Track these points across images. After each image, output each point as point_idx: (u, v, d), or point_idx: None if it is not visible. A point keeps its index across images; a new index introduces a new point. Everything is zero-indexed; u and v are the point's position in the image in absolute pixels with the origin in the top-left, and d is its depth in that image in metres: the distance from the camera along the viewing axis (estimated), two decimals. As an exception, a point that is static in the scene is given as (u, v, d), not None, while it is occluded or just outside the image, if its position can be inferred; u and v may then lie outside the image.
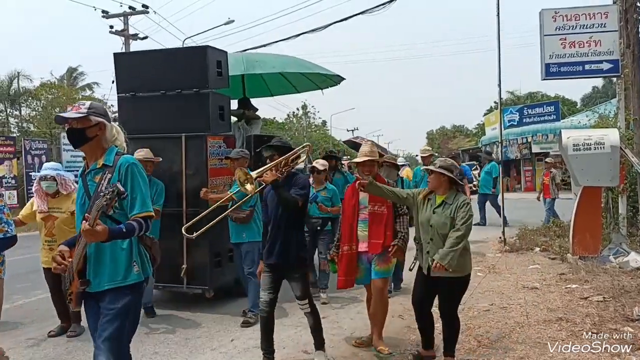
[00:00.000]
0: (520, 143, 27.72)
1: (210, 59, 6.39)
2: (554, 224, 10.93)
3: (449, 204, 4.16)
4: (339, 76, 9.48)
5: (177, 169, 6.31)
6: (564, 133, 8.65)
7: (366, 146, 4.86)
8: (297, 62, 9.22)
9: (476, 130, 55.66)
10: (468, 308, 5.99)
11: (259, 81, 9.98)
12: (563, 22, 9.49)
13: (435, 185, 4.24)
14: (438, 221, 4.15)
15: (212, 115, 6.39)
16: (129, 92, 6.69)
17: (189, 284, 6.29)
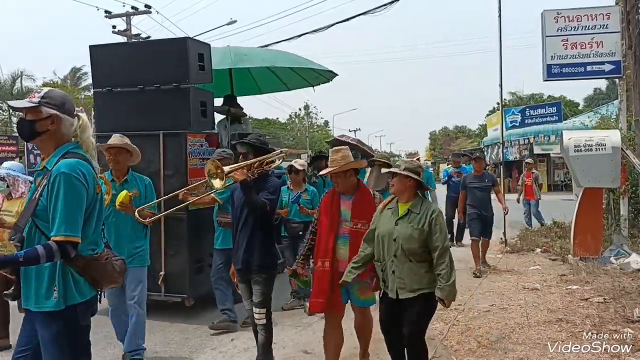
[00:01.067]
0: (521, 144, 27.68)
1: (191, 51, 6.00)
2: (555, 225, 10.93)
3: (416, 213, 3.59)
4: (331, 72, 9.14)
5: (155, 169, 5.89)
6: (565, 134, 8.65)
7: (336, 153, 4.08)
8: (287, 56, 8.89)
9: (478, 131, 55.62)
10: (468, 309, 6.00)
11: (247, 77, 9.58)
12: (565, 23, 9.49)
13: (400, 190, 3.68)
14: (403, 234, 3.55)
15: (193, 112, 6.02)
16: (106, 87, 6.32)
17: (168, 291, 5.93)
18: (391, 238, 3.60)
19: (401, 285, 3.56)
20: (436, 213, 3.59)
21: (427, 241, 3.52)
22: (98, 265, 2.58)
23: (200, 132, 6.11)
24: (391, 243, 3.60)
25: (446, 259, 3.47)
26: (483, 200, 8.07)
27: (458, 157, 11.71)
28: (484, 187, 8.12)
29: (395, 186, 3.70)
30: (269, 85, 10.14)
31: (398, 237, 3.57)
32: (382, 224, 3.70)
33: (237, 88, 9.00)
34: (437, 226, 3.52)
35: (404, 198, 3.69)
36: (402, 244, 3.55)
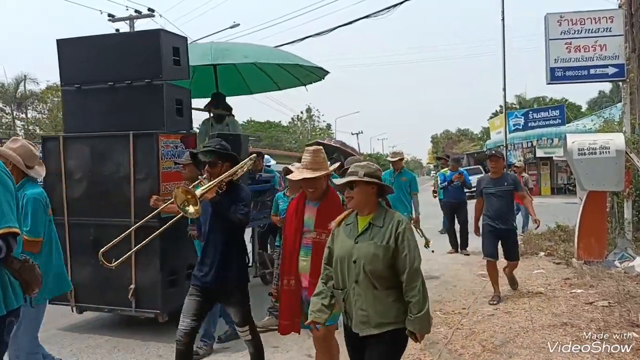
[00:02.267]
0: (525, 147, 27.66)
1: (165, 45, 5.54)
2: (559, 228, 10.90)
3: (379, 226, 2.91)
4: (321, 69, 8.57)
5: (124, 173, 5.42)
6: (569, 137, 8.63)
7: (306, 154, 3.73)
8: (274, 52, 8.35)
9: (481, 134, 55.62)
10: (472, 312, 5.99)
11: (235, 76, 8.98)
12: (568, 26, 9.48)
13: (362, 202, 2.96)
14: (365, 253, 2.86)
15: (167, 110, 5.56)
16: (74, 84, 5.87)
17: (139, 306, 5.44)
18: (351, 260, 2.91)
19: (363, 318, 2.87)
20: (404, 225, 2.89)
21: (394, 261, 2.85)
22: (30, 268, 2.54)
23: (175, 133, 5.63)
24: (351, 266, 2.91)
25: (417, 282, 2.79)
26: (501, 209, 6.43)
27: (457, 162, 11.21)
28: (502, 193, 6.44)
29: (356, 198, 2.96)
30: (259, 84, 9.55)
31: (359, 258, 2.88)
32: (339, 244, 3.02)
33: (225, 88, 8.60)
34: (405, 242, 2.85)
35: (366, 210, 2.99)
36: (364, 265, 2.86)
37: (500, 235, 6.49)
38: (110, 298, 5.53)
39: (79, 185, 5.64)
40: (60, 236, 5.31)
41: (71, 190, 5.63)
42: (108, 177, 5.50)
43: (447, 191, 10.36)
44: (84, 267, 5.57)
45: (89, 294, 5.64)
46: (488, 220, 6.51)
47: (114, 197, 5.45)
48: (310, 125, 56.95)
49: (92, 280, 5.58)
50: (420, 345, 5.01)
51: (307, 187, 3.68)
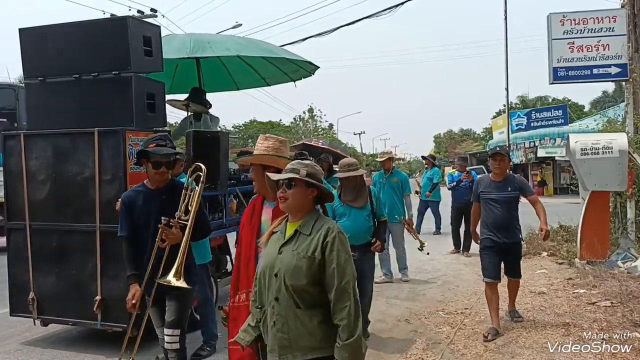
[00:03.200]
0: (527, 147, 27.64)
1: (134, 33, 5.06)
2: (562, 229, 10.87)
3: (306, 234, 2.48)
4: (310, 63, 8.16)
5: (89, 173, 4.96)
6: (571, 137, 8.62)
7: (264, 141, 3.37)
8: (259, 45, 7.88)
9: (484, 134, 55.58)
10: (475, 313, 5.99)
11: (221, 71, 8.50)
12: (571, 26, 9.46)
13: (297, 205, 2.53)
14: (287, 265, 2.44)
15: (137, 105, 5.07)
16: (37, 76, 5.38)
17: (106, 319, 4.94)
18: (272, 273, 2.48)
19: (284, 342, 2.44)
20: (334, 233, 2.44)
21: (321, 275, 2.42)
22: None
23: (145, 130, 5.12)
24: (272, 280, 2.48)
25: (348, 302, 2.35)
26: (503, 219, 5.28)
27: (464, 160, 11.26)
28: (505, 199, 5.29)
29: (291, 200, 2.51)
30: (246, 79, 9.06)
31: (280, 271, 2.45)
32: (264, 254, 2.62)
33: (210, 83, 8.34)
34: (333, 253, 2.40)
35: (298, 215, 2.55)
36: (285, 279, 2.43)
37: (502, 251, 5.31)
38: (75, 310, 5.06)
39: (41, 187, 5.19)
40: (22, 242, 5.21)
41: (33, 193, 5.21)
42: (72, 178, 5.04)
43: (455, 192, 10.27)
44: (47, 277, 5.16)
45: (53, 305, 5.16)
46: (486, 232, 5.35)
47: (79, 200, 5.01)
48: (313, 125, 56.96)
49: (56, 290, 5.13)
50: (423, 344, 5.04)
51: (253, 178, 3.36)
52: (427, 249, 7.65)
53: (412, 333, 5.45)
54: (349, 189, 5.08)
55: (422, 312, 6.13)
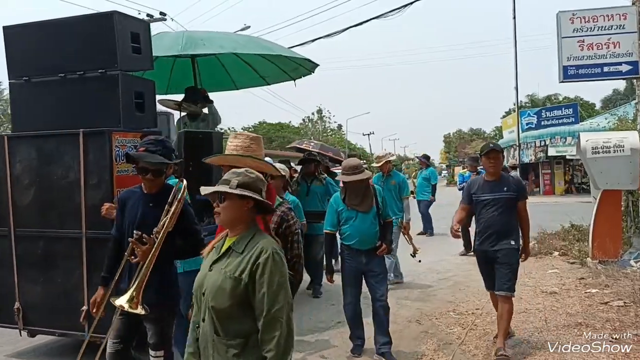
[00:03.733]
0: (537, 146, 27.48)
1: (121, 30, 4.81)
2: (573, 228, 10.80)
3: (238, 252, 2.25)
4: (309, 61, 7.88)
5: (74, 177, 4.67)
6: (582, 136, 8.56)
7: (235, 139, 3.12)
8: (256, 41, 7.62)
9: (494, 134, 55.35)
10: (486, 313, 5.96)
11: (218, 69, 8.27)
12: (580, 24, 9.42)
13: (232, 219, 2.32)
14: (212, 284, 2.23)
15: (124, 105, 4.81)
16: (22, 76, 5.14)
17: (94, 331, 4.35)
18: (201, 291, 2.29)
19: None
20: (267, 254, 2.19)
21: (248, 300, 2.18)
22: None
23: (133, 130, 4.83)
24: (201, 299, 2.29)
25: (277, 332, 2.11)
26: (497, 223, 4.70)
27: (475, 160, 11.24)
28: (500, 203, 4.72)
29: (223, 214, 2.31)
30: (244, 78, 8.78)
31: (206, 290, 2.25)
32: (201, 270, 2.40)
33: (208, 83, 8.09)
34: (264, 277, 2.15)
35: (236, 230, 2.33)
36: (209, 300, 2.23)
37: (493, 259, 4.74)
38: (62, 320, 4.72)
39: (26, 192, 4.91)
40: (6, 249, 4.89)
41: (18, 198, 4.91)
42: (57, 182, 4.76)
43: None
44: (33, 285, 4.84)
45: (40, 315, 4.83)
46: (479, 239, 4.85)
47: (64, 205, 4.72)
48: (322, 126, 57.01)
49: (42, 300, 4.82)
50: (434, 345, 5.04)
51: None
52: (430, 252, 7.36)
53: (423, 334, 5.44)
54: (353, 192, 4.77)
55: (433, 313, 6.12)
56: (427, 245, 8.37)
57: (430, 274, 8.34)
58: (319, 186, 7.05)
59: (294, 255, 2.88)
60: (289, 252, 2.80)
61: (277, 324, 2.12)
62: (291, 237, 2.94)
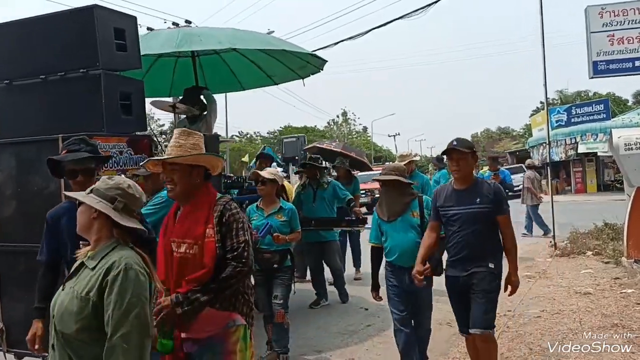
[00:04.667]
0: (567, 144, 26.96)
1: (102, 25, 4.43)
2: (607, 226, 10.57)
3: (90, 268, 2.02)
4: (316, 57, 7.56)
5: (54, 187, 4.22)
6: (614, 132, 8.38)
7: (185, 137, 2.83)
8: (257, 37, 7.19)
9: (523, 132, 54.51)
10: (518, 315, 5.87)
11: (223, 70, 8.00)
12: (610, 18, 9.25)
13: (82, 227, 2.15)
14: (60, 305, 2.01)
15: (108, 107, 4.45)
16: (4, 79, 4.79)
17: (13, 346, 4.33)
18: (52, 313, 2.05)
19: None
20: (119, 269, 1.93)
21: (99, 323, 1.91)
22: None
23: (118, 134, 4.48)
24: (52, 322, 2.05)
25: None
26: (470, 246, 3.71)
27: (495, 160, 10.55)
28: (470, 217, 3.71)
29: (78, 225, 2.14)
30: (251, 78, 8.48)
31: (55, 311, 2.02)
32: None
33: (214, 84, 7.95)
34: (112, 296, 1.89)
35: (96, 241, 2.10)
36: (55, 323, 1.99)
37: (468, 287, 3.72)
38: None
39: (7, 204, 4.55)
40: None
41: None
42: (38, 192, 4.35)
43: None
44: (17, 304, 4.41)
45: (25, 336, 4.06)
46: (449, 265, 3.89)
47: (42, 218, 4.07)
48: (347, 128, 56.98)
49: (27, 319, 4.16)
50: (465, 348, 4.97)
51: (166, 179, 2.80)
52: None
53: (454, 337, 5.36)
54: (390, 198, 4.24)
55: (463, 315, 6.04)
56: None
57: (460, 275, 8.25)
58: (324, 191, 6.68)
59: (240, 241, 2.68)
60: (234, 238, 2.68)
61: (118, 354, 1.84)
62: (235, 225, 2.70)
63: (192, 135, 2.82)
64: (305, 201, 6.69)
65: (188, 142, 2.76)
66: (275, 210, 4.89)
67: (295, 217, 4.99)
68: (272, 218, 4.83)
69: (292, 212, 4.97)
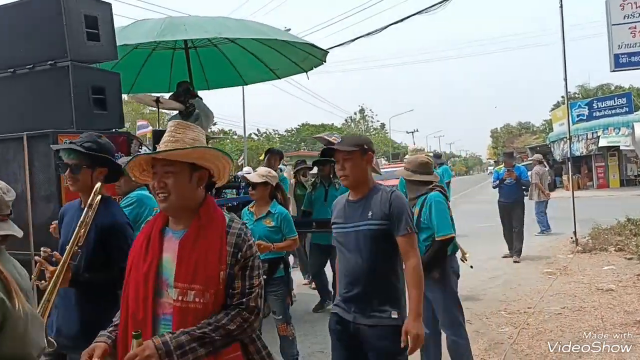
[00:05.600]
0: (589, 138, 26.53)
1: (71, 12, 4.11)
2: (630, 222, 10.39)
3: None
4: (315, 46, 7.18)
5: (20, 189, 3.91)
6: (637, 126, 8.26)
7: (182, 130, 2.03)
8: (249, 25, 6.70)
9: (543, 127, 53.84)
10: (538, 312, 5.82)
11: (224, 64, 7.68)
12: (632, 9, 9.07)
13: None
14: None
15: (78, 102, 4.10)
16: None
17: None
18: None
19: None
20: None
21: None
22: None
23: (90, 131, 3.70)
24: None
25: None
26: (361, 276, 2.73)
27: (510, 157, 10.10)
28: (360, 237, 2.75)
29: None
30: (253, 73, 8.13)
31: None
32: None
33: (215, 79, 7.84)
34: None
35: None
36: None
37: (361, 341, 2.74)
38: None
39: None
40: None
41: None
42: None
43: (500, 190, 9.35)
44: None
45: None
46: (338, 301, 2.89)
47: None
48: (364, 125, 56.82)
49: None
50: (485, 345, 4.94)
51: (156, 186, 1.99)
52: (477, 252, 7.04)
53: (474, 334, 5.31)
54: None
55: (483, 313, 6.00)
56: (472, 244, 8.17)
57: (479, 272, 8.16)
58: (337, 190, 6.01)
59: (254, 284, 1.96)
60: (247, 280, 1.95)
61: None
62: (252, 262, 1.97)
63: (190, 128, 2.05)
64: (317, 201, 6.32)
65: (187, 137, 1.99)
66: (264, 215, 4.37)
67: (288, 222, 4.37)
68: (259, 223, 4.34)
69: (283, 217, 4.35)
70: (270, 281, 4.24)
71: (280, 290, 4.37)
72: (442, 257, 3.84)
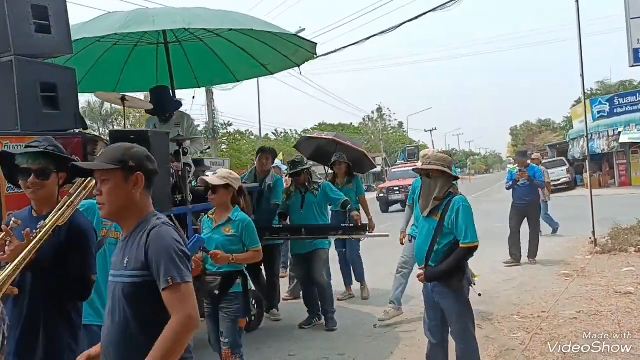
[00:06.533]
0: (610, 135, 26.00)
1: (15, 1, 3.80)
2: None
3: None
4: (304, 39, 7.02)
5: None
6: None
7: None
8: (228, 16, 6.18)
9: (564, 124, 53.08)
10: (553, 316, 5.64)
11: (213, 60, 7.34)
12: (652, 3, 8.80)
13: None
14: None
15: (23, 100, 3.78)
16: None
17: None
18: None
19: None
20: None
21: None
22: None
23: (39, 133, 3.36)
24: None
25: None
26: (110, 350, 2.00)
27: (523, 155, 9.77)
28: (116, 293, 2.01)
29: None
30: (244, 68, 7.79)
31: None
32: None
33: (204, 76, 7.58)
34: None
35: None
36: None
37: None
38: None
39: None
40: None
41: None
42: None
43: (514, 191, 9.03)
44: None
45: None
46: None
47: None
48: (382, 124, 56.54)
49: None
50: (495, 351, 4.79)
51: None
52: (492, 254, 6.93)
53: (484, 339, 5.16)
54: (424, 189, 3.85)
55: (495, 317, 5.85)
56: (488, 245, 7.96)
57: (494, 274, 8.01)
58: (315, 197, 5.94)
59: None
60: None
61: None
62: None
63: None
64: (293, 208, 6.05)
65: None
66: (223, 222, 3.95)
67: (250, 231, 3.94)
68: (218, 231, 3.93)
69: (245, 226, 3.91)
70: (223, 297, 3.85)
71: (232, 309, 3.83)
72: (465, 265, 3.70)
